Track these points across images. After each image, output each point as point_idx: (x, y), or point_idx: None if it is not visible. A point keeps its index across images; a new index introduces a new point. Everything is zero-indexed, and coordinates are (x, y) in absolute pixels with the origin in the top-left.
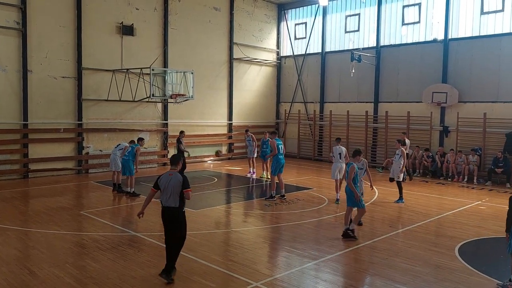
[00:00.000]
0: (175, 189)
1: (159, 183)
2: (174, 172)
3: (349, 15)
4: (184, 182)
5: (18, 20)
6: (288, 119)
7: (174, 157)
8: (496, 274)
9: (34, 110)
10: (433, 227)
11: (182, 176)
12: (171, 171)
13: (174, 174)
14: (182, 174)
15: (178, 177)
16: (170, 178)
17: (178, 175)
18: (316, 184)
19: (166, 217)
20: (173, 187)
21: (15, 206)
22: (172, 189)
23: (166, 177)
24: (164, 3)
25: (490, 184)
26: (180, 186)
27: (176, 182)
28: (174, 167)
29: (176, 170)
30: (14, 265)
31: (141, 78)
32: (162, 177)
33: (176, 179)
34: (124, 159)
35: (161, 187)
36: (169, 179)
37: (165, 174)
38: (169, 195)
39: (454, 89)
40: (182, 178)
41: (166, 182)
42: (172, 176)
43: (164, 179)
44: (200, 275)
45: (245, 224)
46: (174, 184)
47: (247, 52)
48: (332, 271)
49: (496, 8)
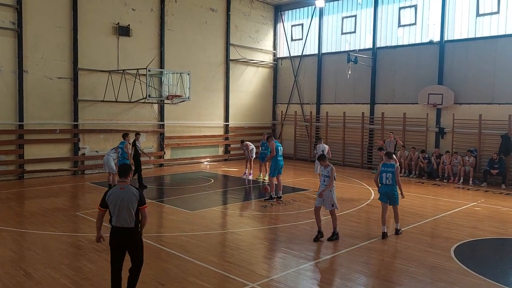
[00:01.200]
0: (130, 205)
1: (108, 200)
2: (125, 185)
3: (345, 17)
4: (141, 196)
5: (13, 21)
6: (284, 121)
7: (123, 167)
8: (491, 275)
9: (30, 110)
10: (429, 228)
11: (137, 190)
12: (121, 184)
13: (126, 188)
14: (135, 187)
15: (132, 190)
16: (121, 193)
17: (131, 188)
18: (312, 186)
19: (119, 241)
20: (127, 203)
21: (10, 207)
22: (126, 205)
23: (116, 192)
24: (161, 4)
25: (485, 185)
26: (135, 201)
27: (130, 197)
28: (124, 179)
29: (127, 182)
30: (9, 266)
31: (137, 79)
32: (111, 192)
33: (129, 193)
34: (120, 160)
35: (109, 205)
36: (121, 194)
37: (115, 189)
38: (122, 213)
39: (450, 90)
40: (139, 192)
41: (117, 198)
42: (123, 191)
43: (114, 195)
44: (196, 276)
45: (242, 225)
46: (128, 199)
47: (243, 53)
48: (329, 272)
49: (492, 10)
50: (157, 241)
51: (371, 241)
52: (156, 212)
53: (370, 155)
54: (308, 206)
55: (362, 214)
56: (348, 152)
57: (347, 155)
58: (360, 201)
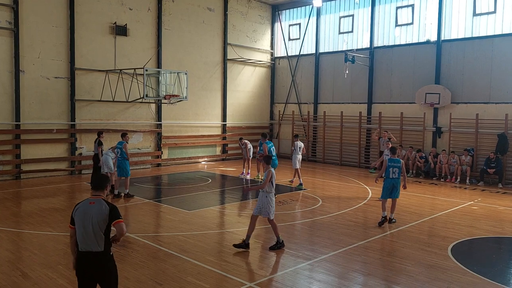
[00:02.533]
0: (98, 225)
1: (74, 215)
2: (97, 200)
3: (343, 16)
4: (112, 212)
5: (10, 20)
6: (282, 120)
7: (98, 178)
8: (488, 274)
9: (27, 110)
10: (426, 227)
11: (108, 205)
12: (92, 198)
13: (98, 202)
14: (108, 202)
15: (103, 206)
16: (90, 208)
17: (102, 203)
18: (310, 185)
19: (87, 269)
20: (95, 222)
21: (7, 207)
22: (94, 224)
23: (85, 206)
24: (158, 4)
25: (482, 185)
26: (105, 219)
27: (99, 214)
28: (98, 192)
29: (100, 196)
30: (6, 267)
31: (134, 78)
32: (78, 206)
33: (99, 210)
34: (119, 160)
35: (75, 223)
36: (89, 210)
37: (84, 203)
38: (89, 234)
39: (446, 90)
40: (109, 208)
41: (83, 214)
42: (94, 206)
43: (81, 211)
44: (194, 276)
45: (239, 224)
46: (97, 216)
47: (241, 53)
48: (326, 271)
49: (488, 10)
50: (154, 241)
51: (368, 240)
52: (153, 212)
53: (368, 154)
54: (305, 205)
55: (359, 213)
56: (346, 152)
57: (344, 155)
58: (358, 200)
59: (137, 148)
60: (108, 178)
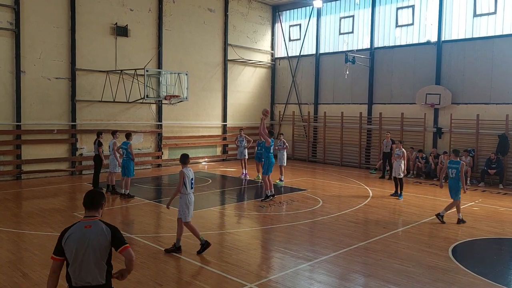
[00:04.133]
0: (100, 252)
1: (65, 244)
2: (93, 222)
3: (343, 17)
4: (115, 236)
5: (11, 21)
6: (282, 121)
7: (92, 196)
8: (489, 275)
9: (27, 111)
10: (426, 228)
11: (109, 227)
12: (87, 220)
13: (95, 225)
14: (107, 223)
15: (102, 228)
16: (86, 233)
17: (101, 225)
18: (310, 186)
19: None
20: (95, 249)
21: (7, 207)
22: (93, 251)
23: (79, 231)
24: (159, 4)
25: (483, 185)
26: (107, 245)
27: (99, 239)
28: (93, 213)
29: (96, 217)
30: (7, 267)
31: (135, 79)
32: (71, 232)
33: (98, 234)
34: (124, 160)
35: (67, 252)
36: (86, 236)
37: (77, 227)
38: (87, 264)
39: (447, 90)
40: (111, 231)
41: (79, 241)
42: (90, 230)
43: (75, 237)
44: (194, 277)
45: (240, 225)
46: (97, 242)
47: (241, 54)
48: (327, 272)
49: (489, 11)
50: (154, 242)
51: (369, 241)
52: (154, 212)
53: (368, 155)
54: (306, 206)
55: (360, 214)
56: (346, 152)
57: (345, 155)
58: (358, 201)
59: (138, 148)
60: (103, 195)
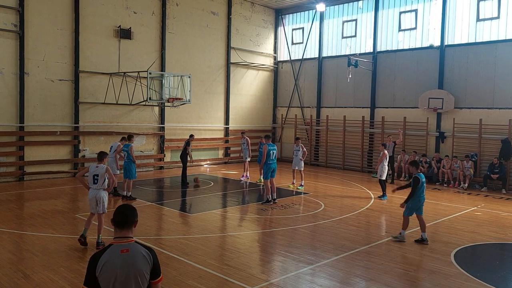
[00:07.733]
0: (140, 281)
1: (101, 273)
2: (131, 245)
3: (346, 21)
4: (155, 264)
5: (15, 23)
6: (284, 124)
7: (124, 212)
8: (491, 280)
9: (31, 112)
10: (428, 233)
11: (149, 251)
12: (122, 243)
13: (133, 249)
14: (145, 246)
15: (141, 252)
16: (124, 259)
17: (140, 248)
18: (312, 189)
19: None
20: (136, 278)
21: (10, 209)
22: (135, 281)
23: (116, 257)
24: (162, 7)
25: (485, 190)
26: (147, 272)
27: (141, 265)
28: (126, 232)
29: (131, 239)
30: (9, 269)
31: (138, 81)
32: (106, 259)
33: (139, 259)
34: (126, 162)
35: (103, 282)
36: (124, 262)
37: (111, 251)
38: None
39: (450, 95)
40: (151, 257)
41: (118, 268)
42: (128, 255)
43: (113, 264)
44: (195, 279)
45: (241, 228)
46: (139, 269)
47: (244, 57)
48: (328, 276)
49: (492, 15)
50: (156, 244)
51: (370, 245)
52: (155, 214)
53: (370, 159)
54: (308, 210)
55: (362, 218)
56: (348, 156)
57: (347, 159)
58: (360, 205)
59: (140, 150)
60: (136, 211)
